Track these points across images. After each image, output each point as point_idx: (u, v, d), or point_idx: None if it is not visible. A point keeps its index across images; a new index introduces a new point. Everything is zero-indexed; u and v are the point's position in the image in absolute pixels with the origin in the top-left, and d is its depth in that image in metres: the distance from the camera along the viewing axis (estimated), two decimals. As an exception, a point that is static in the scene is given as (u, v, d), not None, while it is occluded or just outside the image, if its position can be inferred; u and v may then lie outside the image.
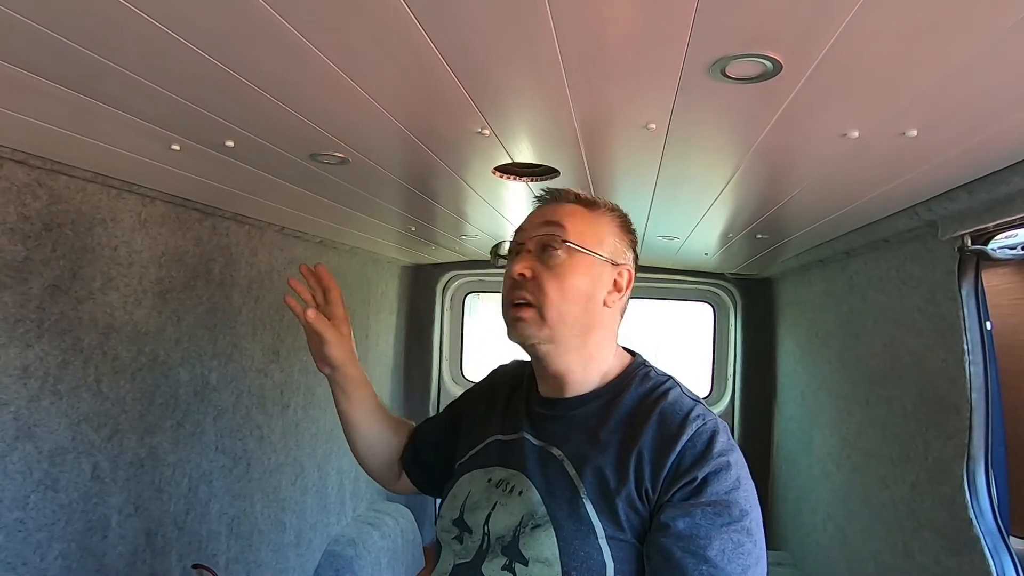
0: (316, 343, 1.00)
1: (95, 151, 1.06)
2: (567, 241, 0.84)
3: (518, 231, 0.90)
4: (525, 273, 0.83)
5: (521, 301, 0.83)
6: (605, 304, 0.86)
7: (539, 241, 0.85)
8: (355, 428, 1.06)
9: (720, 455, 0.75)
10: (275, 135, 0.98)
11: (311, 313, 0.98)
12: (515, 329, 0.84)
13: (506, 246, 0.91)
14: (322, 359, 1.01)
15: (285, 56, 0.69)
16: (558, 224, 0.85)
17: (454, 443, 1.01)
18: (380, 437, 1.08)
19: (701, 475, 0.74)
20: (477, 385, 1.08)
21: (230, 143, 1.00)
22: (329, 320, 1.00)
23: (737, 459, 0.77)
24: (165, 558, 1.49)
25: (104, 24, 0.62)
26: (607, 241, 0.87)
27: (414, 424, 1.15)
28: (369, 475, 1.13)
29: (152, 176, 1.25)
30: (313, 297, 1.04)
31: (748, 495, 0.75)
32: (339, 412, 1.06)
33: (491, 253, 0.94)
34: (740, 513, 0.73)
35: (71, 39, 0.65)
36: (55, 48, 0.67)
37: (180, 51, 0.67)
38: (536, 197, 0.94)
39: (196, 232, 1.55)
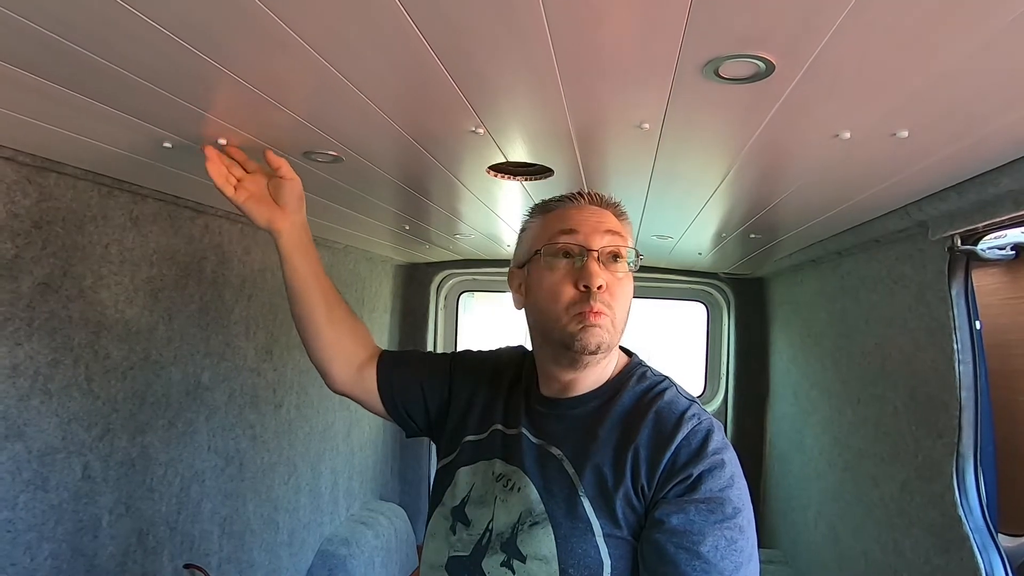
0: (259, 201, 0.96)
1: (86, 148, 1.05)
2: (640, 254, 0.86)
3: (569, 232, 0.85)
4: (603, 284, 0.82)
5: (599, 311, 0.81)
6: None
7: (608, 251, 0.84)
8: (313, 296, 0.99)
9: (715, 453, 0.76)
10: (268, 133, 0.98)
11: (240, 194, 0.95)
12: (591, 336, 0.81)
13: (546, 248, 0.86)
14: (272, 212, 0.97)
15: (278, 53, 0.68)
16: (619, 234, 0.86)
17: (447, 398, 0.99)
18: (336, 310, 1.02)
19: (696, 472, 0.75)
20: (482, 354, 1.05)
21: (223, 141, 0.99)
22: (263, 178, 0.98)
23: (731, 457, 0.78)
24: (157, 558, 1.49)
25: (95, 20, 0.61)
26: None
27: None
28: (316, 359, 1.03)
29: (143, 174, 1.24)
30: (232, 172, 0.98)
31: (741, 493, 0.76)
32: (295, 278, 0.99)
33: (538, 255, 0.87)
34: (733, 510, 0.74)
35: (61, 35, 0.64)
36: (45, 44, 0.66)
37: (172, 48, 0.67)
38: (566, 196, 0.91)
39: (188, 230, 1.54)
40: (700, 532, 0.72)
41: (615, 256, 0.84)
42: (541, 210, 0.92)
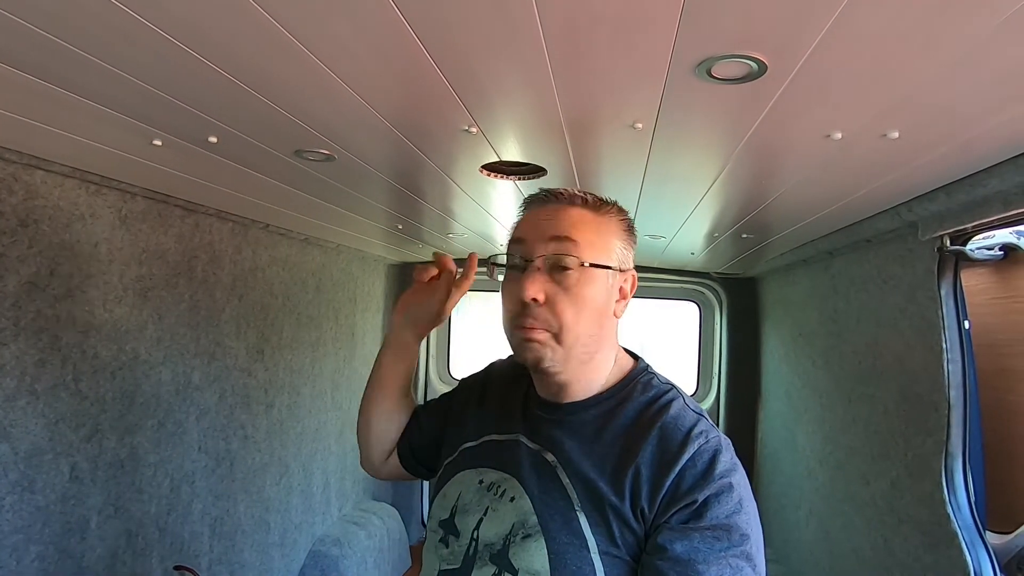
0: (422, 296, 1.01)
1: (73, 146, 1.04)
2: (583, 262, 0.78)
3: (517, 241, 0.81)
4: (539, 297, 0.76)
5: (531, 326, 0.77)
6: (614, 314, 0.83)
7: (550, 260, 0.78)
8: (384, 399, 1.02)
9: (722, 476, 0.72)
10: (259, 131, 0.97)
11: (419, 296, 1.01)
12: (527, 351, 0.78)
13: (502, 257, 0.82)
14: (418, 316, 1.01)
15: (269, 51, 0.68)
16: (568, 239, 0.78)
17: (443, 433, 0.99)
18: (397, 415, 1.03)
19: (701, 498, 0.71)
20: (472, 377, 1.04)
21: (213, 139, 0.99)
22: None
23: (739, 480, 0.73)
24: (146, 560, 1.47)
25: (83, 15, 0.60)
26: (615, 248, 0.82)
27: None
28: (364, 452, 1.06)
29: (133, 171, 1.23)
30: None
31: (750, 518, 0.72)
32: (380, 378, 1.02)
33: (487, 264, 0.85)
34: (740, 537, 0.70)
35: (48, 31, 0.63)
36: (32, 40, 0.65)
37: (161, 45, 0.66)
38: (532, 196, 0.84)
39: (178, 229, 1.52)
40: (704, 561, 0.68)
41: (557, 266, 0.78)
42: (521, 209, 0.87)
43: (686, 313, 3.14)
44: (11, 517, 1.12)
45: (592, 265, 0.78)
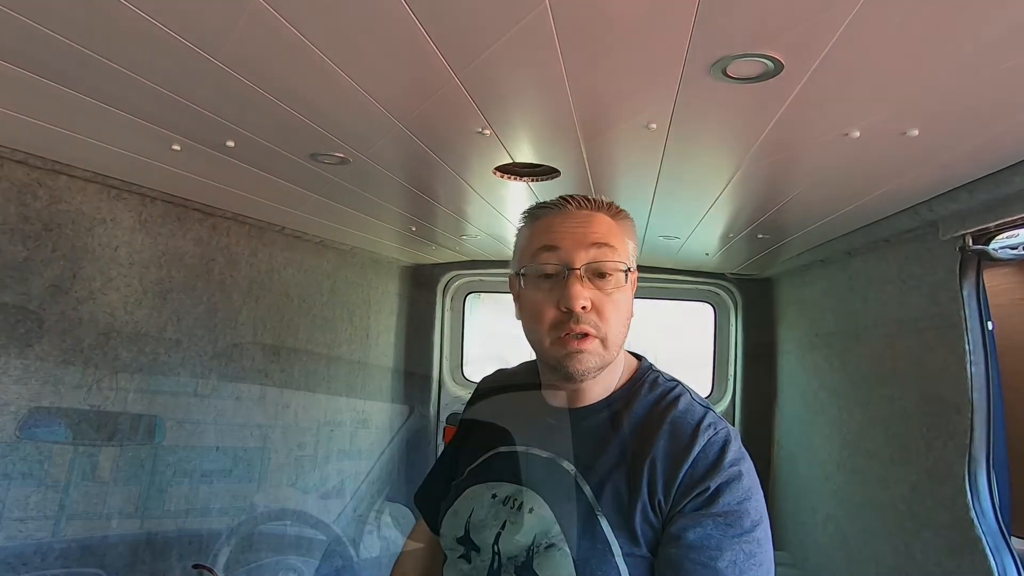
0: None
1: (95, 151, 1.06)
2: (628, 267, 0.80)
3: (549, 248, 0.80)
4: (587, 305, 0.78)
5: (583, 333, 0.78)
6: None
7: (593, 267, 0.79)
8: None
9: (732, 465, 0.74)
10: (275, 135, 0.98)
11: None
12: (577, 363, 0.78)
13: (533, 268, 0.82)
14: None
15: (285, 56, 0.69)
16: (607, 245, 0.80)
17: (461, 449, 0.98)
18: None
19: (713, 485, 0.73)
20: (464, 412, 1.04)
21: (231, 143, 1.00)
22: None
23: (748, 468, 0.76)
24: (165, 558, 1.49)
25: (104, 23, 0.62)
26: (631, 250, 0.84)
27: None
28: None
29: (152, 176, 1.25)
30: None
31: (758, 505, 0.74)
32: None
33: (518, 276, 0.84)
34: (751, 524, 0.72)
35: (71, 38, 0.65)
36: (56, 48, 0.67)
37: (181, 51, 0.67)
38: (545, 204, 0.85)
39: (196, 232, 1.55)
40: (718, 547, 0.70)
41: (601, 273, 0.79)
42: (530, 217, 0.87)
43: (701, 314, 3.12)
44: (36, 515, 1.15)
45: (628, 270, 0.81)
